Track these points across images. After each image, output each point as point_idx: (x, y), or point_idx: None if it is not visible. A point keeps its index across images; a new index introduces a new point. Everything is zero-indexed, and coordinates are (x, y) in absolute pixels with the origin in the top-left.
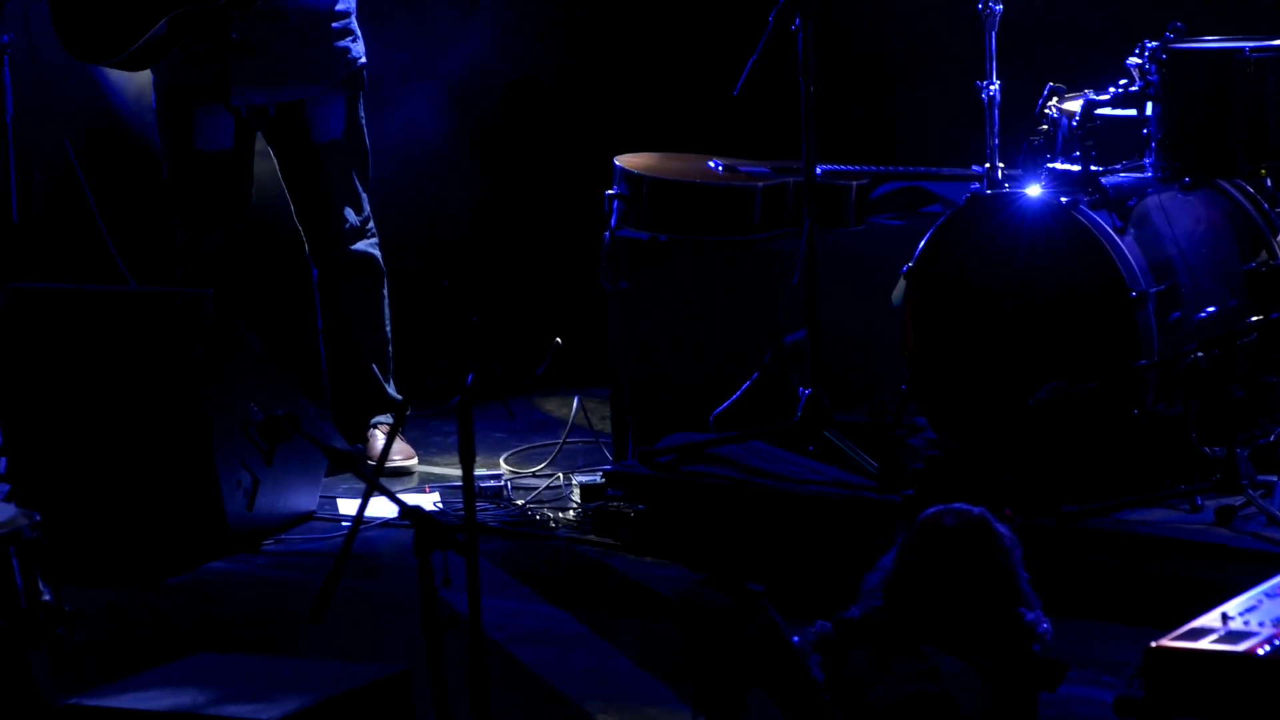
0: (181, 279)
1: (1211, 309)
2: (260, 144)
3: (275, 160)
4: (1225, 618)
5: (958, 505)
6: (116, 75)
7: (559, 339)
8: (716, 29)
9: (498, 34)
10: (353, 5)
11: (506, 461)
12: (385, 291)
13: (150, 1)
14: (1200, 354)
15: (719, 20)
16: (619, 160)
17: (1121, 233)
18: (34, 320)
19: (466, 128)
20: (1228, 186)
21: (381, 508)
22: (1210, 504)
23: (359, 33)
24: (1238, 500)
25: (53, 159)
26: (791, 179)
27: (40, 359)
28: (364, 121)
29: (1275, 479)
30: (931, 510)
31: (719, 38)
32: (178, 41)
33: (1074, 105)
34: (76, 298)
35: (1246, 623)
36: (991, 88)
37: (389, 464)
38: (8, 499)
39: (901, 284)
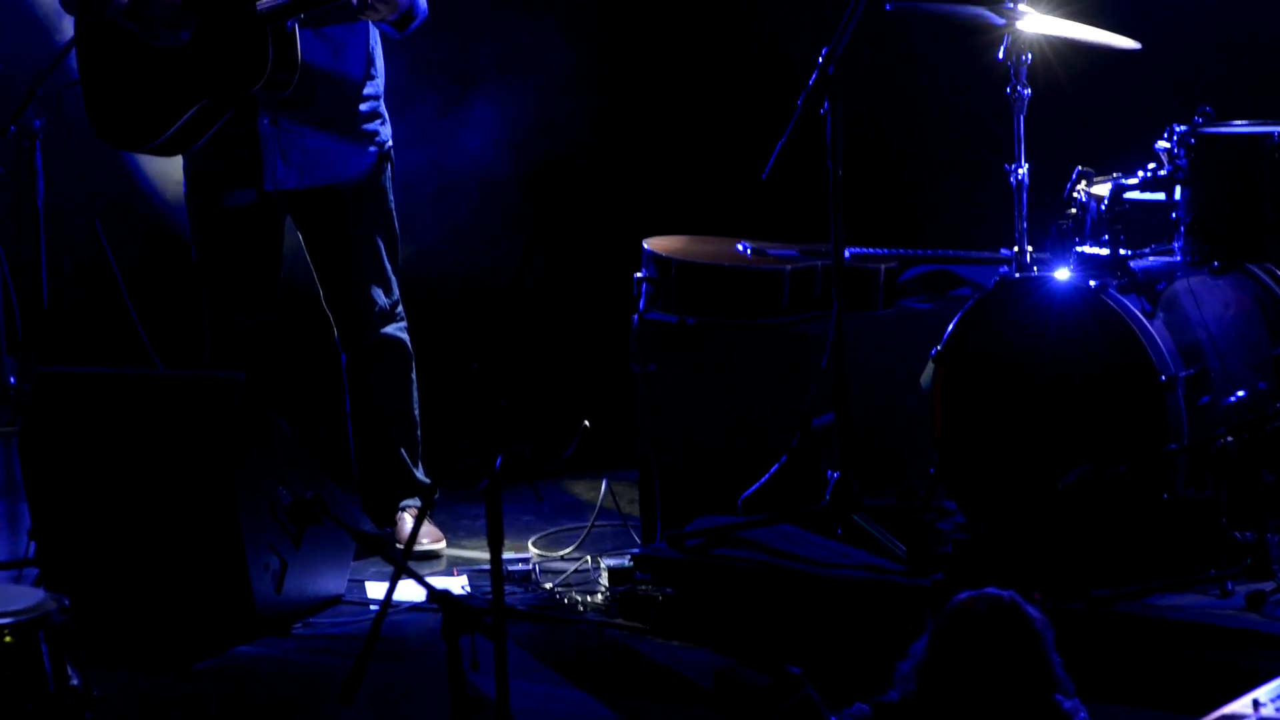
0: (210, 363)
1: (1241, 393)
2: (289, 228)
3: (304, 244)
4: (1257, 704)
5: (988, 591)
6: (148, 161)
7: (587, 422)
8: (745, 112)
9: (527, 117)
10: (381, 89)
11: (535, 545)
12: (413, 375)
13: (182, 89)
14: (1230, 438)
15: (748, 104)
16: (648, 243)
17: (1150, 316)
18: (63, 404)
19: (496, 209)
20: (1257, 271)
21: (410, 591)
22: (1241, 589)
23: (387, 116)
24: (1269, 585)
25: (83, 243)
26: (820, 262)
27: (69, 442)
28: (393, 205)
29: None
30: (961, 596)
31: (748, 121)
32: (209, 128)
33: (1102, 189)
34: (105, 381)
35: (1278, 709)
36: (1020, 171)
37: (417, 547)
38: (36, 583)
39: (930, 367)
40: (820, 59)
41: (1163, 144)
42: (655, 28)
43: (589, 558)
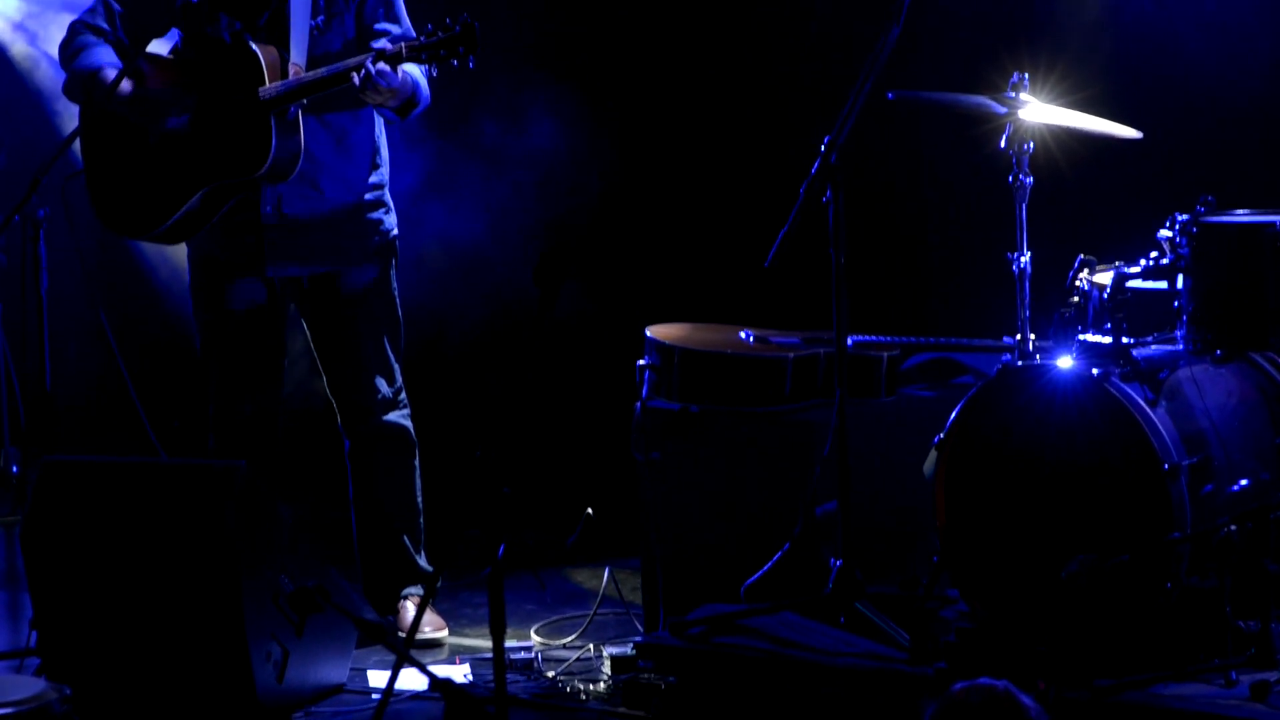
0: (214, 451)
1: (1244, 482)
2: (293, 315)
3: (308, 331)
4: None
5: (982, 680)
6: (152, 249)
7: (590, 510)
8: (747, 200)
9: (531, 204)
10: (385, 178)
11: (537, 633)
12: (416, 463)
13: (185, 176)
14: (1234, 527)
15: (750, 192)
16: (650, 331)
17: (1153, 405)
18: (67, 492)
19: (498, 295)
20: (1259, 359)
21: (412, 680)
22: (1245, 679)
23: (391, 204)
24: (1273, 675)
25: (87, 330)
26: (822, 350)
27: (72, 531)
28: (397, 293)
29: None
30: (957, 686)
31: (750, 209)
32: (212, 215)
33: (1105, 277)
34: (108, 470)
35: None
36: (1022, 259)
37: (419, 636)
38: (38, 672)
39: (933, 455)
40: (822, 147)
41: (1165, 233)
42: (659, 116)
43: (592, 646)
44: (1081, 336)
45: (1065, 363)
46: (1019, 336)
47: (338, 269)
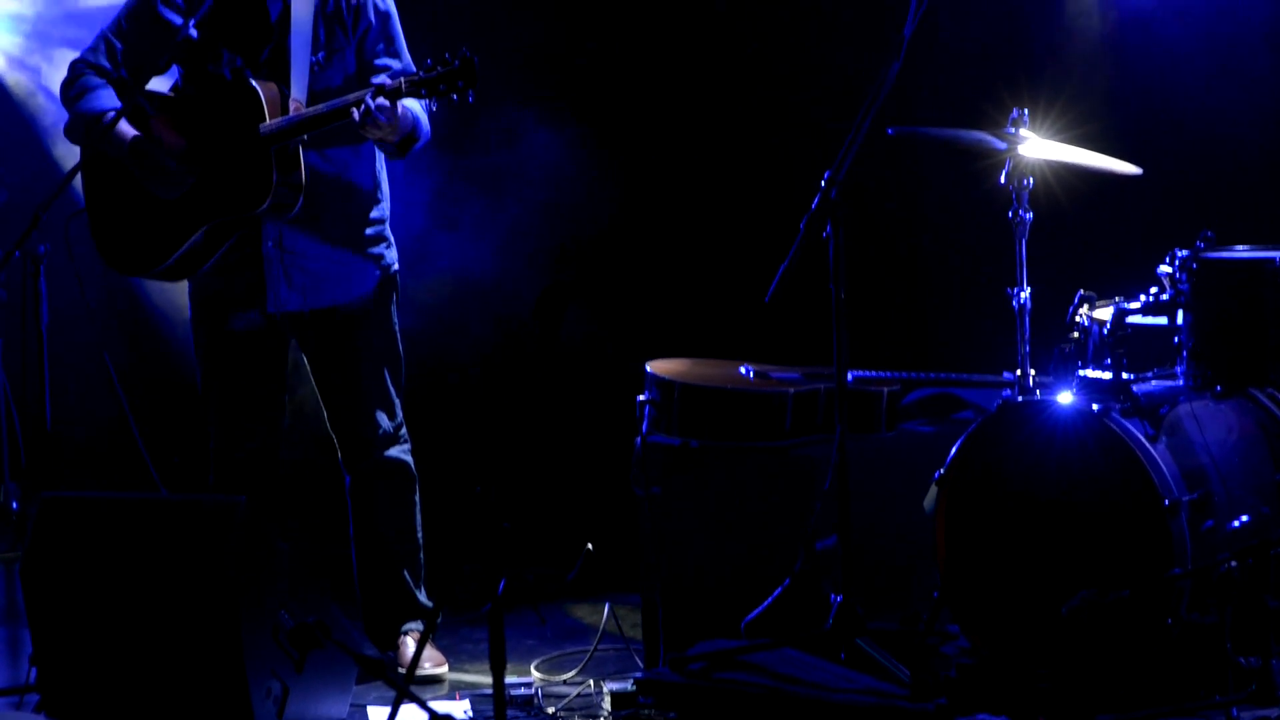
0: (213, 486)
1: (1245, 518)
2: (294, 351)
3: (308, 366)
4: None
5: (982, 717)
6: (153, 285)
7: (590, 545)
8: (748, 236)
9: (530, 240)
10: (386, 213)
11: (537, 668)
12: (417, 498)
13: (187, 213)
14: (1234, 563)
15: (750, 227)
16: (650, 366)
17: (1154, 440)
18: (67, 528)
19: (498, 332)
20: (1259, 395)
21: (412, 716)
22: (1246, 715)
23: (392, 239)
24: (1273, 712)
25: (88, 367)
26: (823, 385)
27: (72, 567)
28: (397, 328)
29: None
30: None
31: (750, 245)
32: (214, 252)
33: (1105, 313)
34: (108, 505)
35: None
36: (1022, 295)
37: (420, 672)
38: (38, 709)
39: (933, 490)
40: (823, 183)
41: (1165, 268)
42: (660, 151)
43: (592, 681)
44: (1082, 372)
45: (1065, 398)
46: (1019, 372)
47: (338, 304)
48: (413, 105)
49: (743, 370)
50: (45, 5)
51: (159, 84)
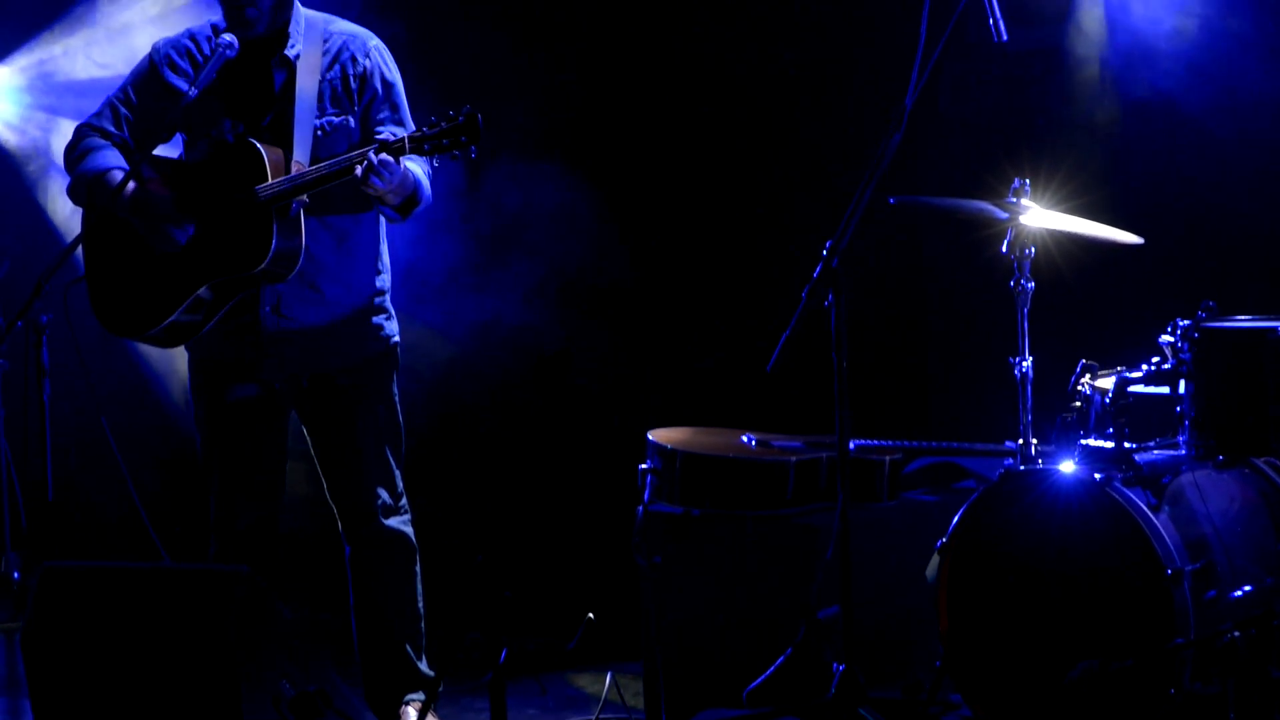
0: (214, 556)
1: (1248, 588)
2: (294, 421)
3: (308, 435)
4: None
5: None
6: (154, 355)
7: (591, 614)
8: (749, 305)
9: (530, 309)
10: (388, 284)
11: None
12: (417, 568)
13: (185, 274)
14: (1237, 633)
15: (751, 296)
16: (652, 434)
17: (1156, 510)
18: (67, 597)
19: (500, 401)
20: (1262, 465)
21: None
22: None
23: (393, 310)
24: None
25: (90, 436)
26: (825, 454)
27: (73, 637)
28: (397, 398)
29: None
30: None
31: (752, 313)
32: (212, 316)
33: (1107, 382)
34: (109, 575)
35: None
36: (1024, 364)
37: None
38: None
39: (935, 559)
40: (824, 251)
41: (1166, 338)
42: (663, 221)
43: None
44: (1084, 441)
45: (1067, 467)
46: (1021, 441)
47: (337, 372)
48: (415, 168)
49: (745, 439)
50: (46, 75)
51: (163, 151)
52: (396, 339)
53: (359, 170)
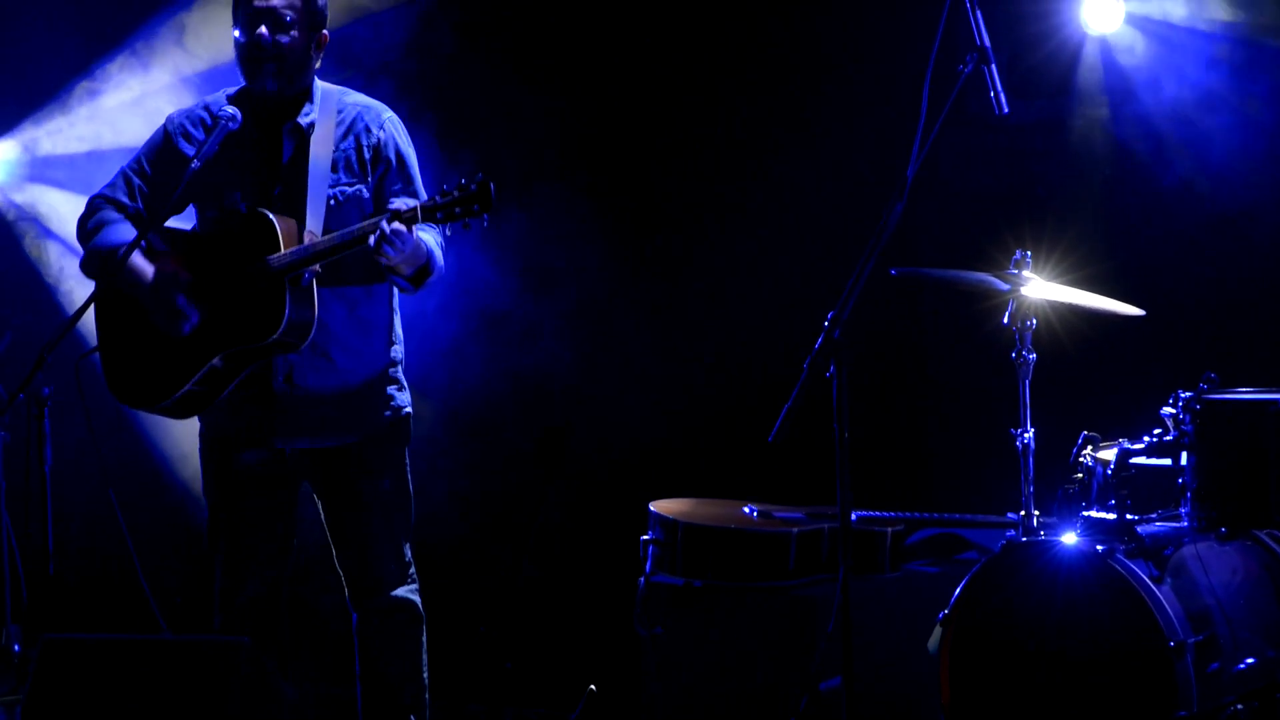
0: (219, 628)
1: (1250, 660)
2: (303, 490)
3: (319, 504)
4: None
5: None
6: (160, 426)
7: (593, 686)
8: (751, 375)
9: (534, 379)
10: (401, 355)
11: None
12: (423, 638)
13: (197, 345)
14: (1240, 706)
15: (753, 367)
16: (654, 506)
17: (1158, 582)
18: (69, 670)
19: (500, 476)
20: (1264, 537)
21: None
22: None
23: (405, 382)
24: None
25: (91, 508)
26: (826, 525)
27: (74, 709)
28: (408, 469)
29: None
30: None
31: (754, 384)
32: (225, 386)
33: (1108, 454)
34: (111, 647)
35: None
36: (1026, 435)
37: None
38: None
39: (937, 631)
40: (826, 323)
41: (1168, 409)
42: (666, 293)
43: None
44: (1086, 513)
45: (1070, 539)
46: (1023, 512)
47: (349, 443)
48: (428, 239)
49: (746, 510)
50: (44, 148)
51: (176, 224)
52: (409, 410)
53: (372, 240)
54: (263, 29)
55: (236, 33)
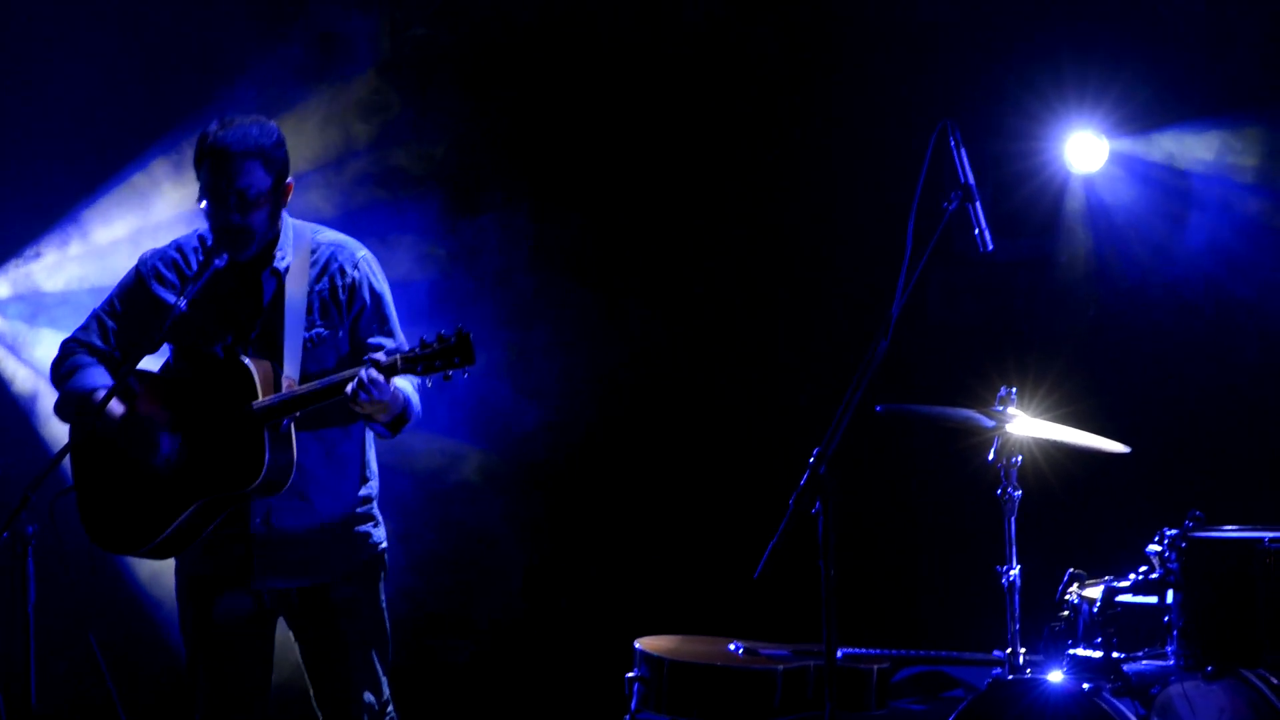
0: None
1: None
2: (281, 630)
3: (296, 642)
4: None
5: None
6: (139, 566)
7: None
8: (736, 512)
9: (525, 507)
10: (375, 491)
11: None
12: None
13: (176, 491)
14: None
15: (739, 503)
16: (639, 642)
17: None
18: None
19: (487, 611)
20: (1251, 676)
21: None
22: None
23: (380, 518)
24: None
25: (75, 647)
26: (812, 662)
27: None
28: (385, 605)
29: None
30: None
31: (739, 521)
32: (203, 529)
33: (1095, 591)
34: None
35: None
36: (1011, 572)
37: None
38: None
39: None
40: (811, 459)
41: (1154, 547)
42: (649, 431)
43: None
44: (1072, 651)
45: (1056, 677)
46: (1009, 650)
47: (326, 582)
48: (405, 385)
49: (732, 647)
50: (26, 288)
51: (150, 363)
52: (384, 545)
53: (349, 389)
54: (233, 215)
55: (203, 204)
